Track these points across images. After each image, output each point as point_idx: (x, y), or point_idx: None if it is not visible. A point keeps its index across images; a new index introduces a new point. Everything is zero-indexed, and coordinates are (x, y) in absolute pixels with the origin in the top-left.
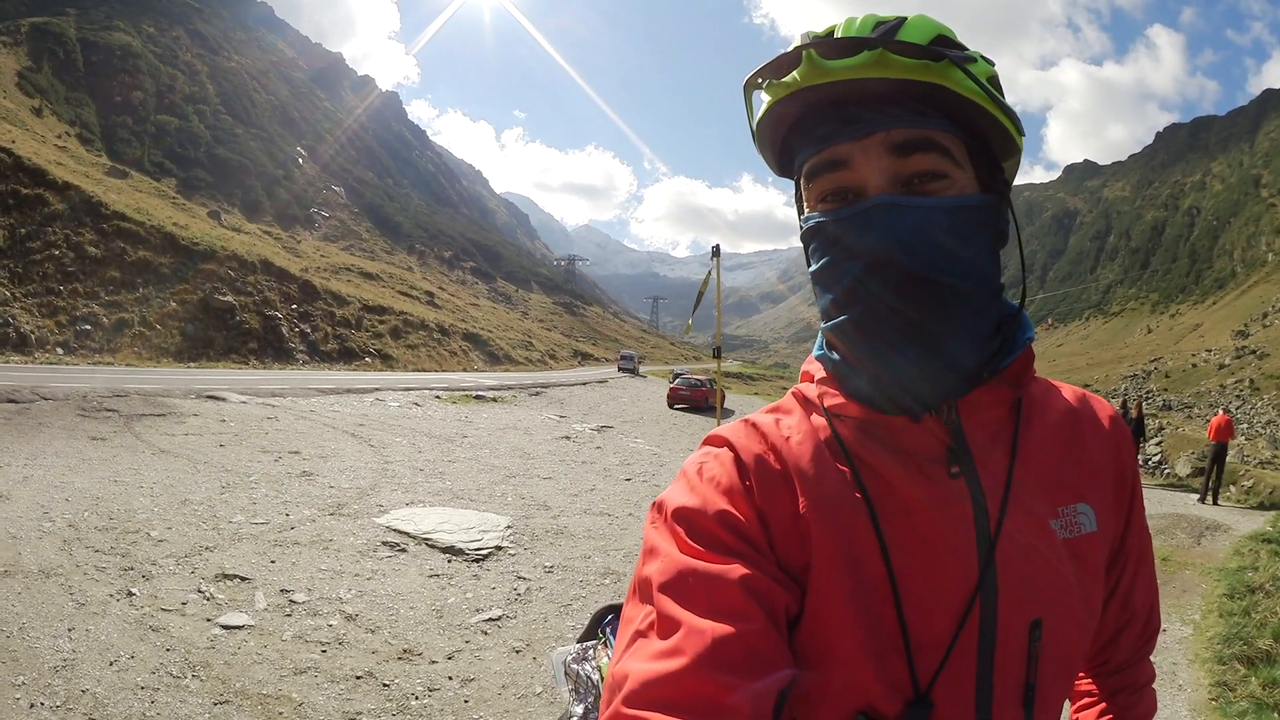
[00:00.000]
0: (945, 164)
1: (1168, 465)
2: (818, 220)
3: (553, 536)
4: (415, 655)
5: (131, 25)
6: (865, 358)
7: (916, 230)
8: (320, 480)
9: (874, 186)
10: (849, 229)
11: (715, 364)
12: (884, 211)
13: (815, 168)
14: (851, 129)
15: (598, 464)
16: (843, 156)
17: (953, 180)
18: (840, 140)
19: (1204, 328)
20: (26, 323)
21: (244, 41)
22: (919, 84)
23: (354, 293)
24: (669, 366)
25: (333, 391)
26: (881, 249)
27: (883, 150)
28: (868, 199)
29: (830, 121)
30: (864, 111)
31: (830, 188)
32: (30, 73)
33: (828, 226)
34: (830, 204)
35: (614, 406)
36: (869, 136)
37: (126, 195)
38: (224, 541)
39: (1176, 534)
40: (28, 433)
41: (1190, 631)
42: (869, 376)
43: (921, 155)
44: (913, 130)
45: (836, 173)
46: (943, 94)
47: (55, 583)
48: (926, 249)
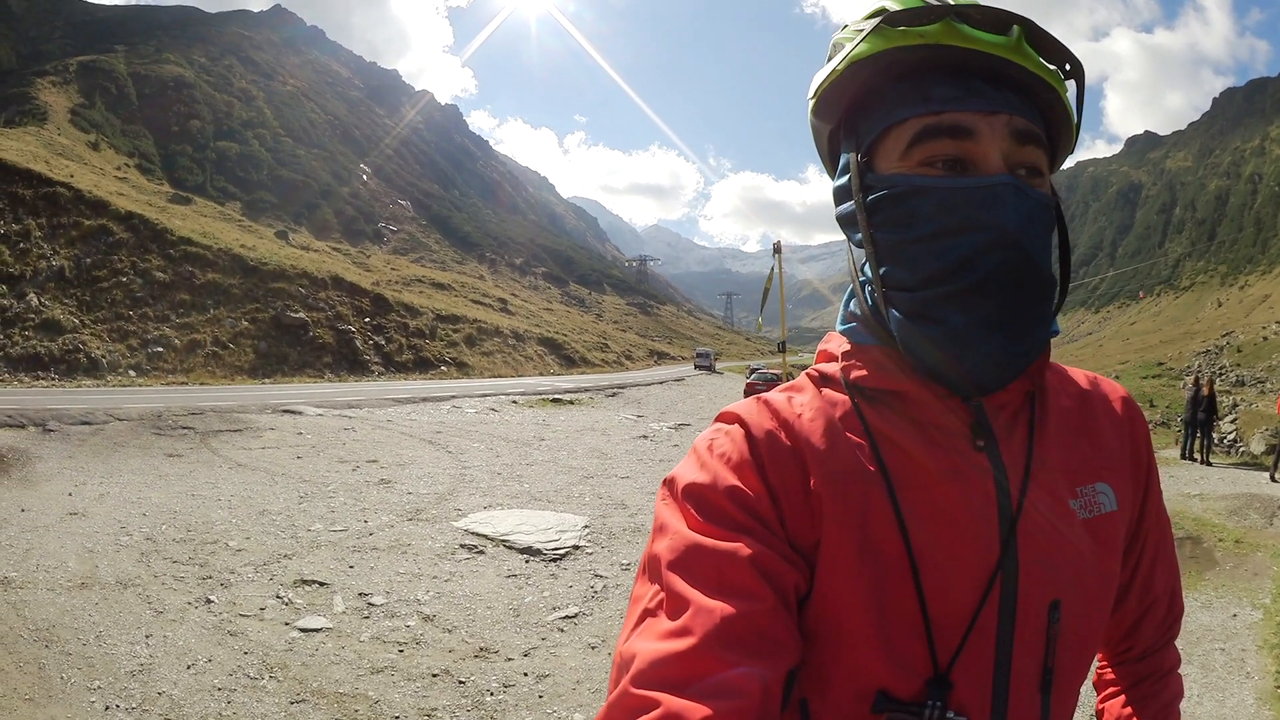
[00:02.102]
0: (1043, 163)
1: (1243, 443)
2: (926, 183)
3: (630, 535)
4: (491, 653)
5: (182, 57)
6: (960, 332)
7: (1031, 217)
8: (398, 487)
9: (995, 165)
10: (970, 200)
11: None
12: (1012, 192)
13: (930, 129)
14: (979, 101)
15: (675, 461)
16: (967, 125)
17: (1044, 180)
18: (967, 109)
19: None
20: (97, 348)
21: (297, 65)
22: (1041, 83)
23: (426, 303)
24: (745, 362)
25: (409, 401)
26: (1010, 226)
27: (1006, 132)
28: (992, 175)
29: (954, 87)
30: (990, 89)
31: (946, 153)
32: (84, 109)
33: (941, 192)
34: (939, 170)
35: (691, 404)
36: (995, 115)
37: (191, 220)
38: (302, 549)
39: (1249, 514)
40: (103, 453)
41: (1260, 616)
42: (943, 350)
43: (1033, 148)
44: (1030, 124)
45: (958, 140)
46: (1052, 101)
47: (133, 593)
48: (1038, 238)
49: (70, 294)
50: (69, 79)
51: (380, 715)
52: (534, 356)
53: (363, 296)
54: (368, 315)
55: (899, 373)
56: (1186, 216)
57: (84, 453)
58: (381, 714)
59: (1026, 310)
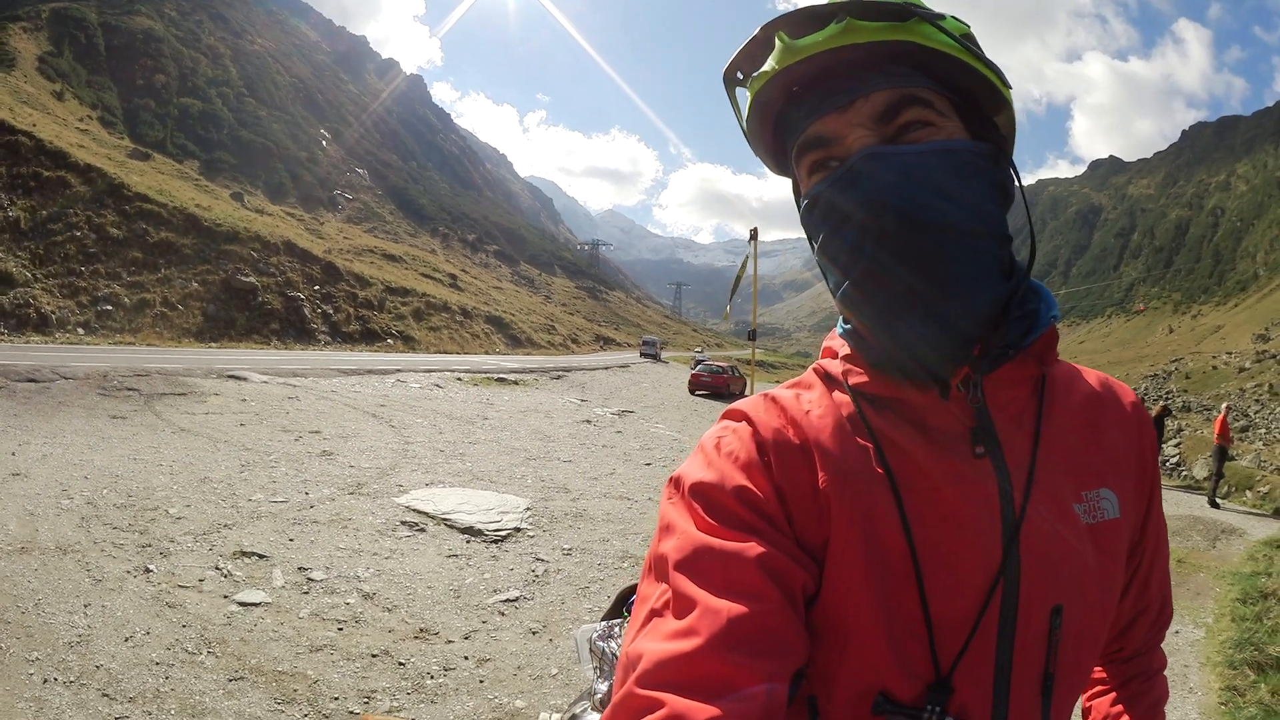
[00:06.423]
0: (929, 114)
1: (1185, 467)
2: (811, 192)
3: (572, 519)
4: (432, 635)
5: (153, 9)
6: (874, 320)
7: (906, 174)
8: (340, 460)
9: (859, 148)
10: (839, 191)
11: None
12: (866, 161)
13: (802, 147)
14: (831, 101)
15: (618, 448)
16: (826, 131)
17: (938, 128)
18: (822, 115)
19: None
20: (47, 303)
21: (266, 24)
22: (891, 44)
23: (377, 274)
24: (691, 353)
25: (354, 372)
26: (873, 197)
27: (865, 117)
28: (852, 156)
29: (810, 100)
30: (841, 82)
31: (818, 159)
32: (51, 57)
33: (821, 196)
34: (819, 174)
35: (635, 391)
36: (850, 107)
37: (149, 177)
38: (243, 519)
39: (1192, 536)
40: (48, 411)
41: (1203, 635)
42: (881, 342)
43: (905, 112)
44: (892, 91)
45: (824, 148)
46: (916, 51)
47: (72, 559)
48: (919, 191)
49: (24, 246)
50: (40, 25)
51: (319, 695)
52: (481, 334)
53: (314, 264)
54: (318, 283)
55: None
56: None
57: (29, 411)
58: (320, 694)
59: (934, 270)
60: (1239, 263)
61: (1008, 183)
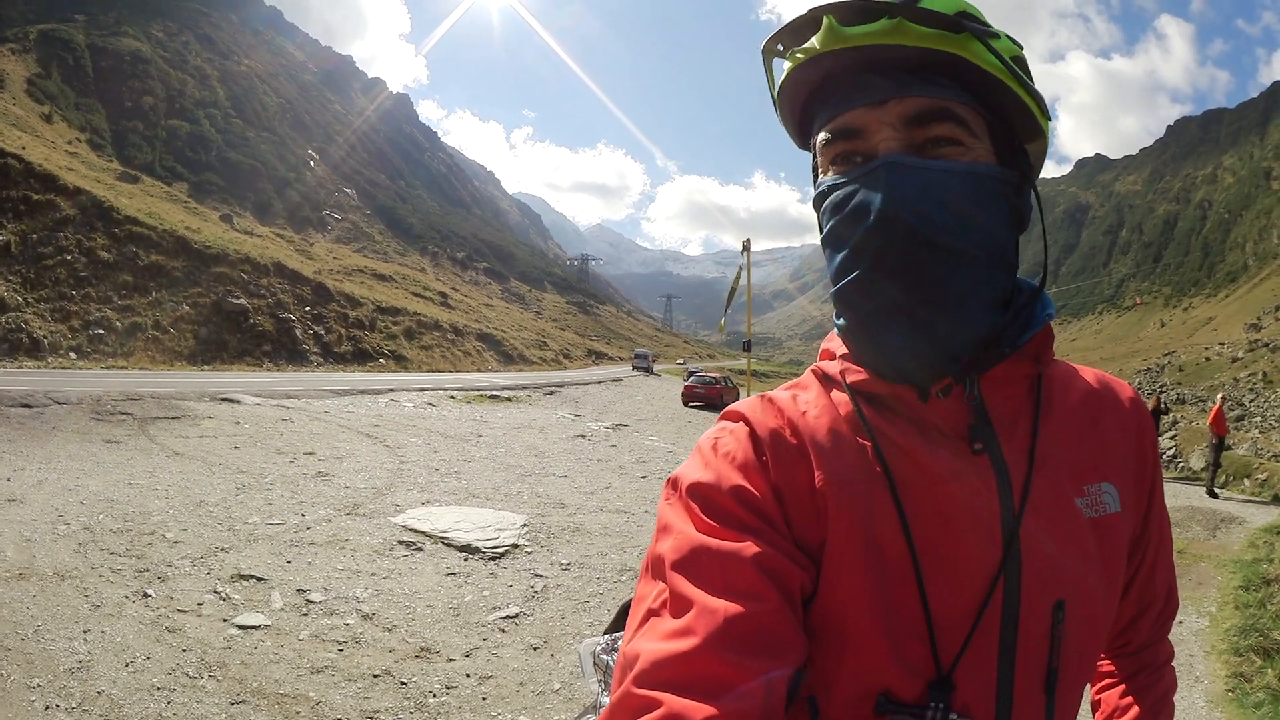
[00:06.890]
0: (960, 133)
1: (1182, 459)
2: (828, 184)
3: (569, 534)
4: (433, 653)
5: (140, 31)
6: (862, 321)
7: (925, 191)
8: (335, 481)
9: (884, 151)
10: (856, 190)
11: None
12: (890, 170)
13: (829, 135)
14: (866, 95)
15: (613, 462)
16: (856, 124)
17: (967, 148)
18: (854, 107)
19: (1217, 321)
20: (39, 328)
21: (253, 45)
22: (937, 54)
23: (367, 294)
24: (683, 364)
25: (347, 393)
26: (887, 207)
27: (896, 118)
28: (876, 160)
29: (846, 88)
30: (880, 79)
31: (842, 152)
32: (39, 79)
33: (837, 189)
34: (840, 168)
35: (629, 405)
36: (883, 105)
37: (138, 200)
38: (240, 542)
39: (1192, 526)
40: (42, 437)
41: (1206, 624)
42: (864, 343)
43: (936, 124)
44: (927, 100)
45: (850, 140)
46: (962, 66)
47: (70, 585)
48: (935, 210)
49: (15, 270)
50: (28, 47)
51: (322, 717)
52: (472, 352)
53: (304, 285)
54: (308, 304)
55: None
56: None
57: (23, 437)
58: (323, 715)
59: (932, 289)
60: (1228, 254)
61: (1026, 211)
